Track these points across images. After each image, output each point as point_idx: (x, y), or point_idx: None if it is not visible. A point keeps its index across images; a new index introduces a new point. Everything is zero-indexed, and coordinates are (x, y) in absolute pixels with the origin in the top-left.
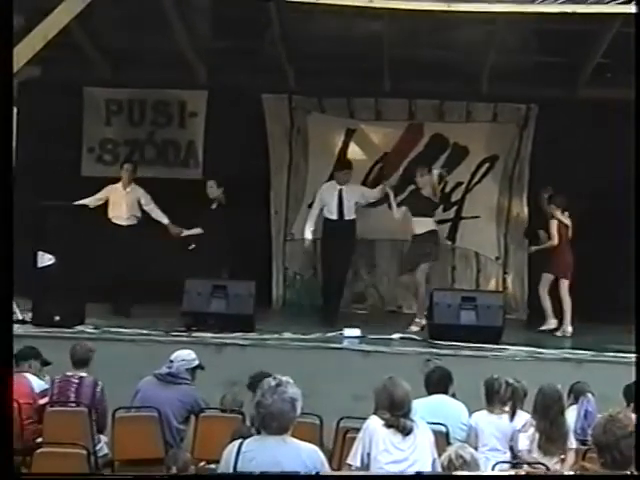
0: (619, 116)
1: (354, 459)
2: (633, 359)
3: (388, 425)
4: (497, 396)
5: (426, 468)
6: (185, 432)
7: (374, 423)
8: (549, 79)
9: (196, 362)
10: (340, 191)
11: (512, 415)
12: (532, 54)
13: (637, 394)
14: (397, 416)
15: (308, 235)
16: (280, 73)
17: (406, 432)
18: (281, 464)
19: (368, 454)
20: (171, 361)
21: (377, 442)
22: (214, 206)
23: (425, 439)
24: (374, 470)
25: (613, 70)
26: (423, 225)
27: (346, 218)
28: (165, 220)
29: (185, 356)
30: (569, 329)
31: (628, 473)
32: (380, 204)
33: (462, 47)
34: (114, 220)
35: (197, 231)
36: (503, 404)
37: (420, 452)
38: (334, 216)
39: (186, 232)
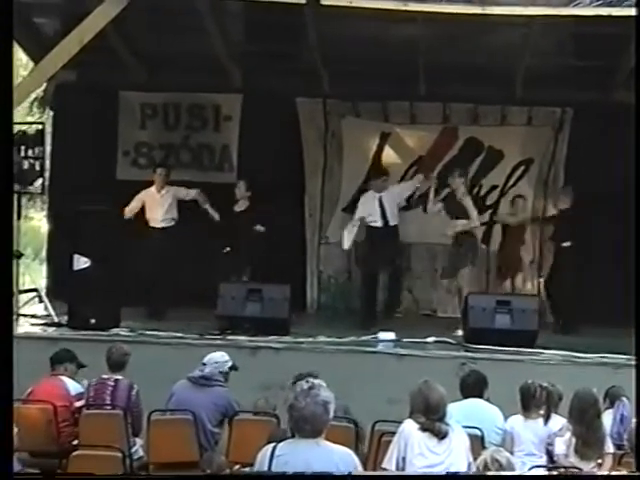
0: None
1: (389, 463)
2: None
3: (423, 429)
4: (533, 400)
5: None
6: (220, 435)
7: (409, 427)
8: (584, 82)
9: (229, 364)
10: (380, 199)
11: (546, 419)
12: (567, 57)
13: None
14: (432, 420)
15: (346, 246)
16: (315, 77)
17: (441, 436)
18: (314, 467)
19: (403, 458)
20: (204, 364)
21: (412, 446)
22: (241, 208)
23: (460, 443)
24: None
25: None
26: (459, 226)
27: (391, 224)
28: (193, 192)
29: (218, 358)
30: None
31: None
32: (415, 207)
33: (497, 50)
34: (150, 223)
35: (215, 217)
36: (539, 408)
37: (455, 456)
38: (379, 224)
39: (209, 208)
